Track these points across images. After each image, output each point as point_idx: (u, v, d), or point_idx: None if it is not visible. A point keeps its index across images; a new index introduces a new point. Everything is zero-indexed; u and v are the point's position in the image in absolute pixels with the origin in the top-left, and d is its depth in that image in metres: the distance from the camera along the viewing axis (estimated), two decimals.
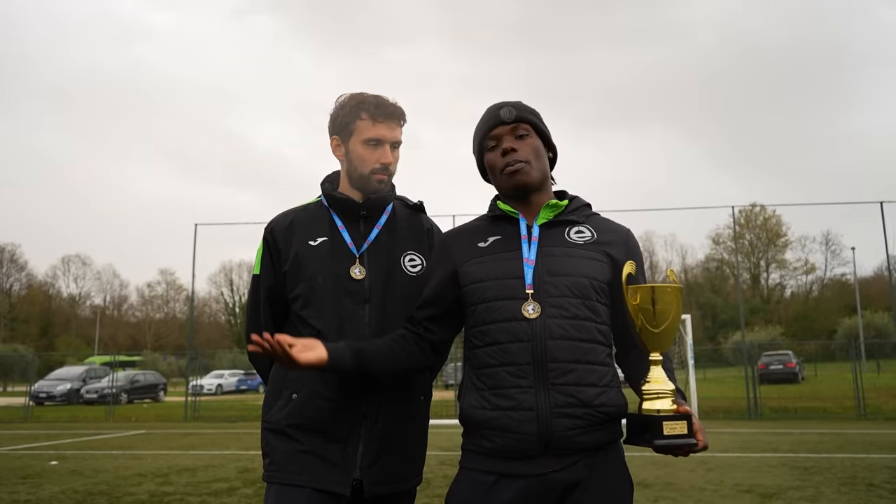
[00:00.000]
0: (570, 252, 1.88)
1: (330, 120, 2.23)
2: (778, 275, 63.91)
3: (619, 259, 1.90)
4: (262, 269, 2.21)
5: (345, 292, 2.10)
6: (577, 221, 1.95)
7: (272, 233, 2.21)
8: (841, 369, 27.82)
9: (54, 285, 70.13)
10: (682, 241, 67.91)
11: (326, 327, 2.07)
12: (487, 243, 1.94)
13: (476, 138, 2.02)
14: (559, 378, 1.77)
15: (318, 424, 2.03)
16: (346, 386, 2.03)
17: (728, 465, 9.21)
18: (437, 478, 8.20)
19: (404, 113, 2.21)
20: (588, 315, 1.83)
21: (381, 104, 2.16)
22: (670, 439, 1.67)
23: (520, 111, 1.96)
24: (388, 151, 2.16)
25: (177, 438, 14.65)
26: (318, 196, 2.29)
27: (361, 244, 2.16)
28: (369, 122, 2.14)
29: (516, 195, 1.96)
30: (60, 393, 28.59)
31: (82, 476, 8.96)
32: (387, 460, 2.07)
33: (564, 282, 1.83)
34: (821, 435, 13.21)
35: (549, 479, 1.76)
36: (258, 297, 2.21)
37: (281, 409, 2.08)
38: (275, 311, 2.20)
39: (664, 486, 7.44)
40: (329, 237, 2.16)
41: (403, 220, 2.27)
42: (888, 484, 7.45)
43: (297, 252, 2.14)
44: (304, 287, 2.12)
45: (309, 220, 2.20)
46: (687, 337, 16.37)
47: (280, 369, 2.13)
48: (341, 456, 2.02)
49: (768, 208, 59.16)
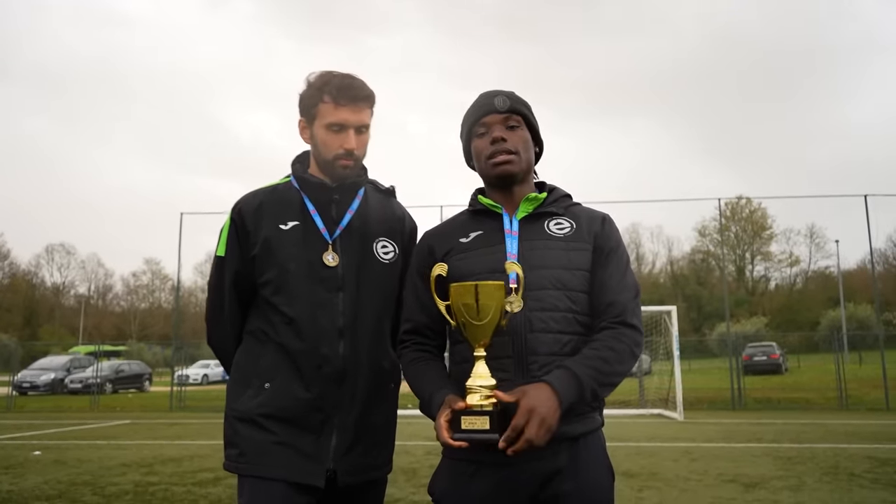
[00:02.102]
0: (550, 244, 1.88)
1: (298, 100, 2.14)
2: (763, 267, 64.44)
3: (597, 245, 1.90)
4: (228, 252, 2.11)
5: (317, 279, 2.04)
6: (556, 213, 1.95)
7: (240, 214, 2.11)
8: (824, 360, 28.12)
9: (38, 274, 69.59)
10: (668, 232, 68.20)
11: (299, 315, 2.01)
12: (469, 238, 1.94)
13: (466, 123, 2.01)
14: (539, 371, 1.77)
15: (292, 415, 1.99)
16: (320, 376, 2.00)
17: (712, 454, 9.29)
18: (423, 467, 8.21)
19: (372, 94, 2.11)
20: (569, 307, 1.83)
21: (345, 86, 2.05)
22: (466, 433, 1.68)
23: (513, 102, 1.95)
24: (351, 136, 2.07)
25: (162, 428, 14.59)
26: (286, 176, 2.21)
27: (334, 230, 2.09)
28: (331, 105, 2.05)
29: (499, 184, 1.95)
30: (44, 383, 28.38)
31: (66, 466, 8.90)
32: (360, 450, 2.04)
33: (545, 274, 1.83)
34: (803, 425, 13.36)
35: (530, 468, 1.77)
36: (223, 279, 2.11)
37: (252, 398, 2.01)
38: (240, 294, 2.11)
39: (649, 476, 7.47)
40: (301, 221, 2.09)
41: (376, 205, 2.20)
42: (869, 473, 7.55)
43: (268, 236, 2.06)
44: (275, 273, 2.04)
45: (279, 202, 2.12)
46: (672, 328, 16.46)
47: (249, 356, 2.07)
48: (315, 447, 1.98)
49: (754, 201, 59.41)
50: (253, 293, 2.11)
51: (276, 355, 2.02)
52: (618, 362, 1.77)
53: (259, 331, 2.08)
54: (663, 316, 18.02)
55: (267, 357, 2.03)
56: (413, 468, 8.21)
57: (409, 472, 7.89)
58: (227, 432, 2.06)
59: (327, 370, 2.00)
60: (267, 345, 2.05)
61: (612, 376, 1.77)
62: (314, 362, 2.00)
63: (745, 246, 63.53)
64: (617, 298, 1.84)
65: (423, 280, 1.95)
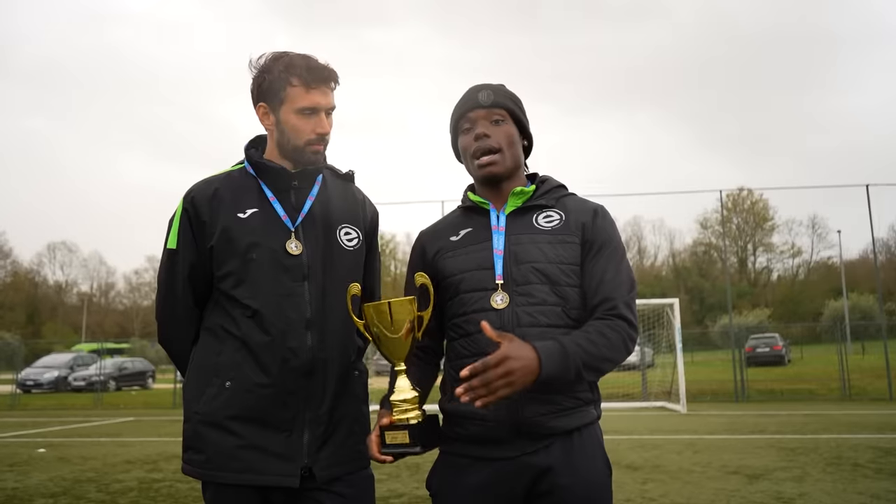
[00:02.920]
0: (538, 238, 1.85)
1: (253, 84, 2.02)
2: (765, 258, 64.34)
3: (588, 237, 1.86)
4: (182, 244, 1.99)
5: (282, 269, 1.94)
6: (546, 206, 1.92)
7: (193, 203, 1.99)
8: (827, 351, 28.12)
9: (40, 273, 69.71)
10: (670, 225, 68.12)
11: (264, 306, 1.91)
12: (459, 237, 1.93)
13: (452, 119, 1.99)
14: None
15: (259, 413, 1.89)
16: (286, 370, 1.90)
17: (715, 446, 9.29)
18: (426, 463, 8.15)
19: (337, 75, 2.02)
20: (557, 300, 1.81)
21: (314, 68, 1.96)
22: (390, 448, 1.76)
23: (498, 96, 1.92)
24: (324, 120, 1.98)
25: (165, 425, 14.60)
26: (239, 162, 2.10)
27: (296, 217, 2.00)
28: (302, 88, 1.95)
29: (487, 184, 1.94)
30: (48, 381, 28.41)
31: (70, 463, 8.92)
32: (336, 441, 1.96)
33: (531, 268, 1.81)
34: (807, 416, 13.35)
35: (523, 461, 1.76)
36: (175, 274, 2.00)
37: (213, 397, 1.91)
38: (195, 289, 2.01)
39: (652, 469, 7.48)
40: (259, 209, 1.98)
41: (336, 190, 2.11)
42: (873, 464, 7.55)
43: (226, 226, 1.95)
44: (236, 264, 1.94)
45: (235, 189, 2.01)
46: (675, 321, 16.45)
47: (207, 353, 1.97)
48: (284, 445, 1.90)
49: (755, 192, 59.39)
50: (208, 289, 2.02)
51: (236, 352, 1.92)
52: (608, 349, 1.72)
53: (218, 327, 1.97)
54: (665, 308, 18.00)
55: (226, 354, 1.93)
56: (416, 463, 8.21)
57: (412, 467, 7.90)
58: (188, 435, 1.96)
59: (295, 363, 1.91)
60: (226, 341, 1.94)
61: (601, 361, 1.72)
62: (280, 356, 1.90)
63: (747, 237, 63.47)
64: (611, 294, 1.79)
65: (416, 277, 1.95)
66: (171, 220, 2.04)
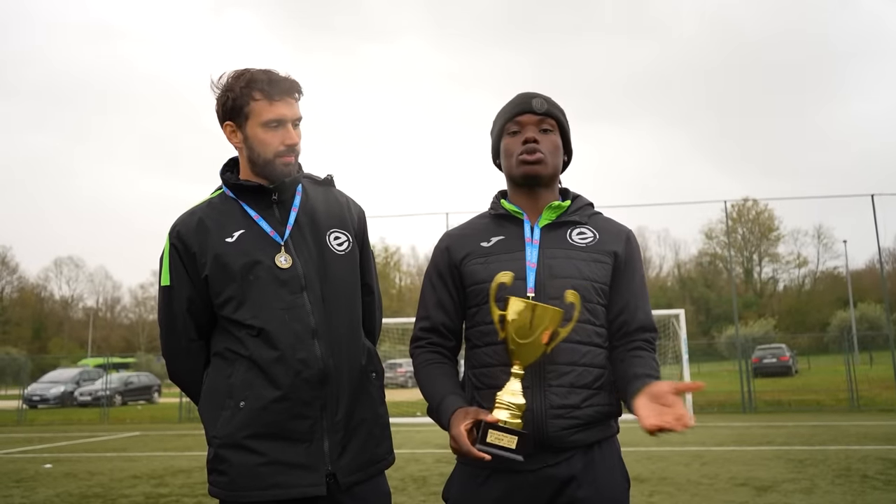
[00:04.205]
0: (572, 254, 1.86)
1: (217, 104, 2.02)
2: (771, 268, 64.11)
3: (619, 260, 1.90)
4: (175, 279, 2.01)
5: (279, 283, 1.95)
6: (580, 222, 1.93)
7: (180, 237, 2.00)
8: (834, 362, 27.97)
9: (46, 287, 69.81)
10: (675, 236, 68.06)
11: (268, 323, 1.92)
12: (491, 243, 1.92)
13: (499, 121, 1.99)
14: (556, 380, 1.78)
15: (276, 429, 1.90)
16: (299, 382, 1.92)
17: (723, 458, 9.25)
18: (433, 475, 8.19)
19: (300, 85, 2.03)
20: (587, 318, 1.82)
21: (275, 80, 1.97)
22: (491, 447, 1.68)
23: (551, 105, 1.94)
24: (290, 131, 1.98)
25: (172, 440, 14.60)
26: (217, 188, 2.11)
27: (283, 231, 2.01)
28: (265, 102, 1.95)
29: (524, 185, 1.93)
30: (54, 396, 28.44)
31: (77, 479, 8.92)
32: (355, 447, 1.98)
33: (565, 284, 1.82)
34: (815, 427, 13.28)
35: (544, 473, 1.77)
36: (173, 310, 2.02)
37: (229, 420, 1.92)
38: (197, 321, 2.02)
39: (659, 481, 7.46)
40: (246, 229, 1.99)
41: (318, 197, 2.12)
42: (882, 475, 7.50)
43: (217, 252, 1.96)
44: (234, 288, 1.95)
45: (218, 215, 2.02)
46: (681, 332, 16.42)
47: (218, 377, 1.98)
48: (306, 456, 1.91)
49: (760, 202, 59.25)
50: (210, 318, 2.03)
51: (247, 372, 1.93)
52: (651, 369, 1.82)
53: (226, 350, 1.98)
54: (671, 319, 17.96)
55: (237, 375, 1.94)
56: (423, 476, 8.19)
57: (419, 480, 7.88)
58: (210, 458, 1.98)
59: (307, 374, 1.92)
60: (236, 362, 1.95)
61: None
62: (292, 369, 1.91)
63: (753, 248, 63.30)
64: (647, 324, 1.90)
65: (441, 279, 1.95)
66: (161, 258, 2.05)
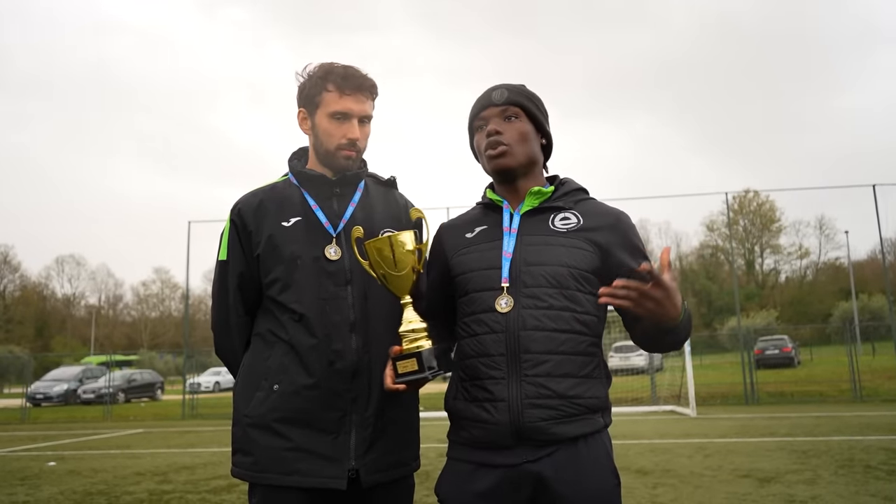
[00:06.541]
0: (550, 241, 1.84)
1: (298, 91, 2.12)
2: (772, 260, 64.03)
3: (608, 244, 1.85)
4: (231, 254, 2.07)
5: (325, 274, 2.00)
6: (564, 208, 1.91)
7: (240, 215, 2.07)
8: (837, 353, 27.96)
9: (48, 286, 69.91)
10: (676, 228, 68.03)
11: (310, 310, 1.97)
12: (474, 234, 1.94)
13: (468, 119, 2.00)
14: (531, 369, 1.76)
15: (306, 416, 1.94)
16: (332, 372, 1.95)
17: (726, 450, 9.25)
18: (436, 470, 8.14)
19: (375, 85, 2.09)
20: (566, 305, 1.79)
21: (350, 75, 2.04)
22: (402, 377, 1.80)
23: (512, 93, 1.92)
24: (355, 126, 2.05)
25: (175, 437, 14.63)
26: (284, 174, 2.18)
27: (337, 223, 2.06)
28: (336, 94, 2.03)
29: (500, 179, 1.94)
30: (57, 394, 28.54)
31: (81, 476, 8.94)
32: (383, 446, 1.99)
33: (541, 271, 1.80)
34: (817, 418, 13.28)
35: (524, 469, 1.75)
36: (226, 284, 2.08)
37: (262, 401, 1.96)
38: (246, 298, 2.08)
39: (662, 473, 7.45)
40: (303, 217, 2.05)
41: (378, 196, 2.17)
42: (885, 465, 7.49)
43: (271, 234, 2.03)
44: (282, 270, 2.01)
45: (279, 199, 2.08)
46: None
47: (256, 358, 2.02)
48: (332, 447, 1.93)
49: (762, 194, 59.21)
50: (259, 296, 2.08)
51: (284, 356, 1.97)
52: (688, 331, 1.77)
53: (267, 332, 2.03)
54: None
55: (275, 357, 1.98)
56: (426, 471, 8.18)
57: (421, 474, 7.86)
58: (237, 437, 2.01)
59: (340, 365, 1.95)
60: (275, 345, 2.00)
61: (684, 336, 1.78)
62: (326, 358, 1.95)
63: (754, 239, 63.21)
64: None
65: (433, 269, 2.00)
66: (221, 234, 2.12)
